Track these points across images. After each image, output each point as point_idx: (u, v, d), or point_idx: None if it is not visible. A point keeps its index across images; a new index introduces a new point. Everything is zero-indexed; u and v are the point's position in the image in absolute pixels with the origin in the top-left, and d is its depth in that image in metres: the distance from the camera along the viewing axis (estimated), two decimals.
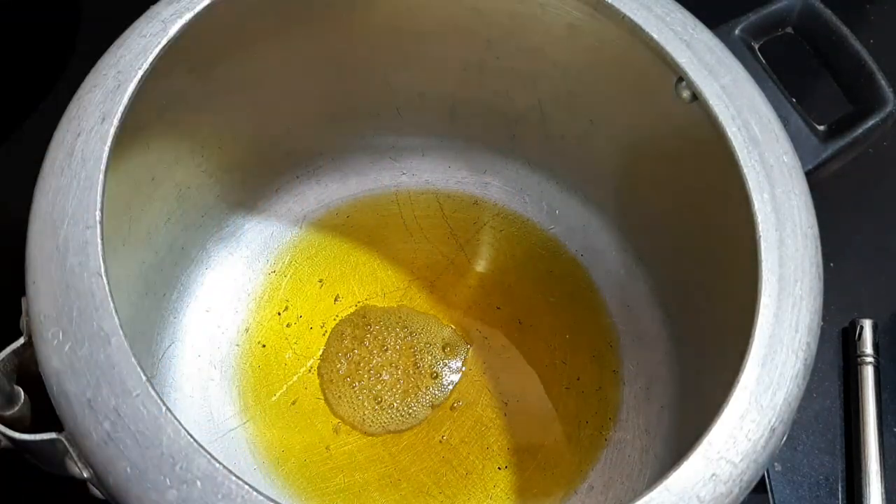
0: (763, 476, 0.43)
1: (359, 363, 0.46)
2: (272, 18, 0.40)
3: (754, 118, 0.35)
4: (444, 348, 0.47)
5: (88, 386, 0.28)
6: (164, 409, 0.28)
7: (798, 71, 0.40)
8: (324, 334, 0.47)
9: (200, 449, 0.28)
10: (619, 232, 0.48)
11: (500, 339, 0.47)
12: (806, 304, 0.32)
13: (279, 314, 0.47)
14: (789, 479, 0.48)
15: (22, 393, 0.30)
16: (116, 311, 0.29)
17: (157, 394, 0.28)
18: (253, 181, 0.48)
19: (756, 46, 0.39)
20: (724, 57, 0.36)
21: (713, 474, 0.29)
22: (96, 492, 0.31)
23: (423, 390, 0.46)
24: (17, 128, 0.54)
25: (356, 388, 0.45)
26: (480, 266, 0.49)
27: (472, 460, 0.44)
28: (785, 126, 0.36)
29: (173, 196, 0.43)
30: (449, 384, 0.46)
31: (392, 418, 0.45)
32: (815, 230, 0.34)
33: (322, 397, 0.45)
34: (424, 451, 0.44)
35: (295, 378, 0.46)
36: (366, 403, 0.45)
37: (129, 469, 0.28)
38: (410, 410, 0.45)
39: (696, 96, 0.37)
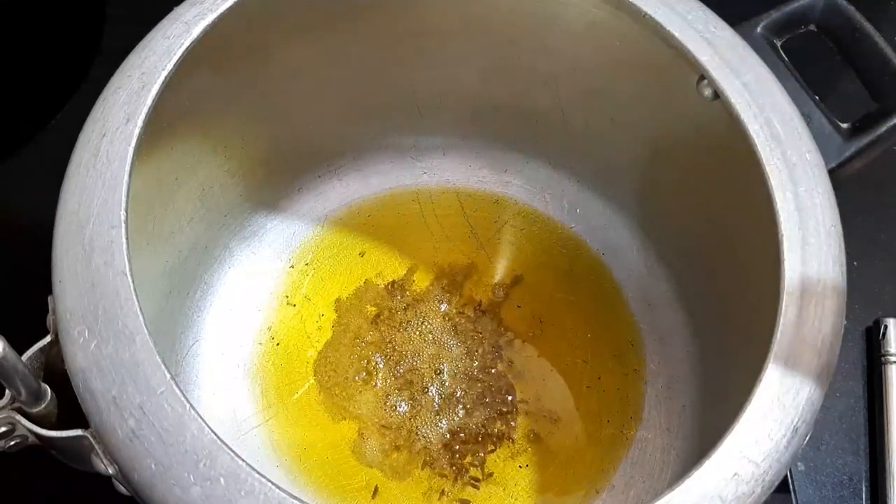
0: (786, 476, 0.43)
1: (381, 362, 0.46)
2: (294, 19, 0.40)
3: (777, 116, 0.35)
4: (464, 347, 0.47)
5: (114, 383, 0.29)
6: (188, 406, 0.28)
7: (821, 68, 0.40)
8: (345, 333, 0.47)
9: (224, 446, 0.28)
10: (641, 230, 0.48)
11: (520, 338, 0.47)
12: (829, 303, 0.32)
13: (301, 313, 0.47)
14: (812, 478, 0.47)
15: (49, 390, 0.31)
16: (141, 310, 0.29)
17: (182, 392, 0.29)
18: (275, 180, 0.48)
19: (779, 44, 0.38)
20: (746, 54, 0.36)
21: (735, 474, 0.29)
22: (121, 488, 0.31)
23: (444, 388, 0.46)
24: (42, 129, 0.54)
25: (377, 388, 0.45)
26: (501, 264, 0.50)
27: (494, 458, 0.44)
28: (808, 124, 0.36)
29: (196, 195, 0.44)
30: (469, 383, 0.46)
31: (412, 416, 0.45)
32: (839, 228, 0.34)
33: (342, 396, 0.45)
34: (445, 450, 0.44)
35: (316, 377, 0.46)
36: (385, 402, 0.45)
37: (153, 466, 0.28)
38: (430, 409, 0.45)
39: (717, 94, 0.37)
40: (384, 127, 0.49)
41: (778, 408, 0.30)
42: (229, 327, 0.46)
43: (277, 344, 0.46)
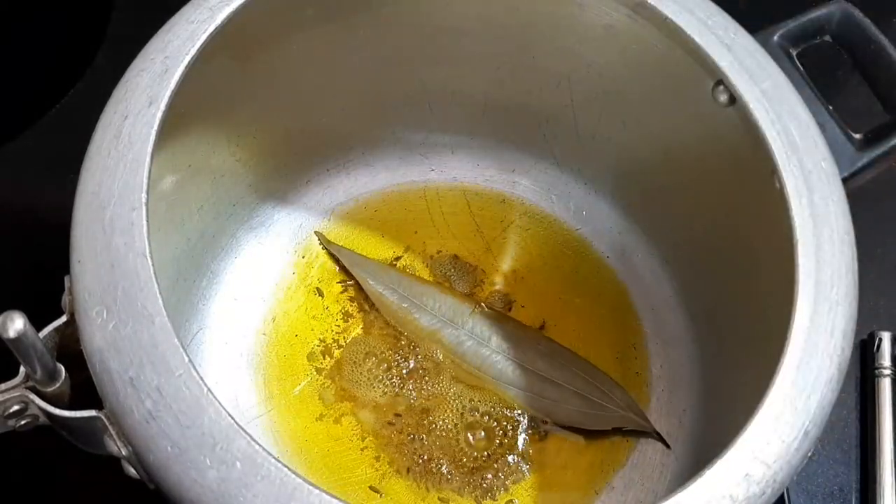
0: None
1: (384, 356, 0.46)
2: (313, 10, 0.40)
3: (794, 123, 0.35)
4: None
5: (131, 364, 0.29)
6: (205, 389, 0.28)
7: (835, 79, 0.40)
8: (349, 327, 0.47)
9: (241, 431, 0.28)
10: (647, 234, 0.48)
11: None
12: (842, 309, 0.32)
13: (306, 304, 0.47)
14: (804, 487, 0.48)
15: (63, 370, 0.31)
16: (161, 292, 0.29)
17: (199, 374, 0.29)
18: (284, 171, 0.48)
19: (794, 53, 0.39)
20: (764, 62, 0.36)
21: (746, 474, 0.30)
22: (131, 471, 0.31)
23: (447, 387, 0.46)
24: (46, 114, 0.54)
25: (380, 382, 0.45)
26: (506, 264, 0.50)
27: (493, 456, 0.44)
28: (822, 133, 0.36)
29: (208, 184, 0.43)
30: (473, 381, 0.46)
31: (413, 413, 0.45)
32: (852, 236, 0.34)
33: (345, 390, 0.45)
34: (446, 447, 0.44)
35: (319, 369, 0.46)
36: (389, 397, 0.45)
37: (169, 448, 0.28)
38: (431, 407, 0.45)
39: (732, 100, 0.37)
40: (395, 122, 0.49)
41: (790, 411, 0.31)
42: (234, 316, 0.46)
43: (283, 335, 0.46)
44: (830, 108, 0.38)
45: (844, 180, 0.36)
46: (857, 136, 0.38)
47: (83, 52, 0.56)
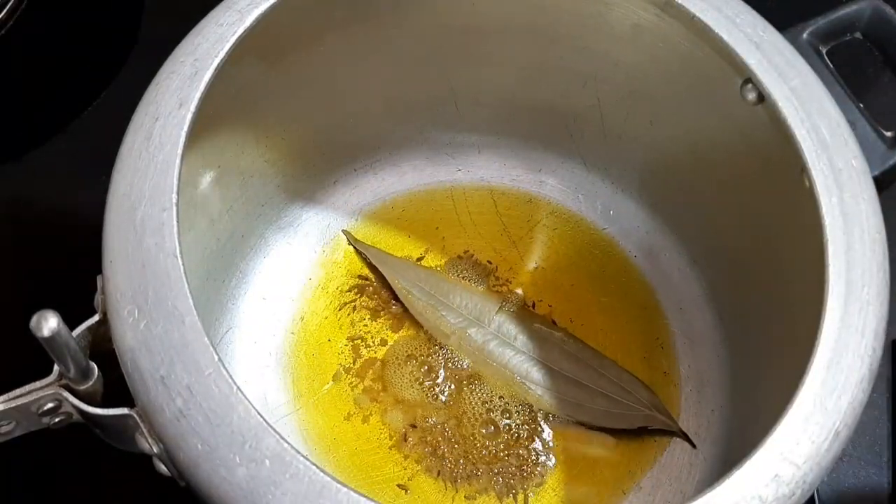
0: None
1: (410, 355, 0.46)
2: (341, 11, 0.41)
3: (823, 121, 0.35)
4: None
5: (162, 363, 0.29)
6: (235, 388, 0.29)
7: (865, 76, 0.40)
8: (377, 326, 0.47)
9: (270, 429, 0.28)
10: (675, 233, 0.48)
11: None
12: (873, 309, 0.32)
13: (334, 304, 0.48)
14: (834, 489, 0.47)
15: (96, 368, 0.31)
16: (191, 292, 0.30)
17: (229, 373, 0.29)
18: (312, 172, 0.48)
19: (824, 51, 0.39)
20: (793, 59, 0.36)
21: (776, 475, 0.29)
22: (162, 468, 0.32)
23: (473, 386, 0.46)
24: (77, 117, 0.55)
25: (407, 380, 0.46)
26: (533, 264, 0.50)
27: (521, 455, 0.45)
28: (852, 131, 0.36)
29: (237, 184, 0.44)
30: (498, 381, 0.46)
31: (440, 412, 0.45)
32: (883, 235, 0.34)
33: (373, 388, 0.46)
34: (472, 446, 0.45)
35: (348, 368, 0.46)
36: (415, 395, 0.45)
37: (199, 446, 0.28)
38: (463, 405, 0.45)
39: (761, 98, 0.37)
40: (422, 122, 0.49)
41: (820, 411, 0.30)
42: (263, 316, 0.46)
43: (309, 334, 0.47)
44: (861, 105, 0.38)
45: (875, 178, 0.36)
46: (889, 133, 0.38)
47: (115, 56, 0.57)
